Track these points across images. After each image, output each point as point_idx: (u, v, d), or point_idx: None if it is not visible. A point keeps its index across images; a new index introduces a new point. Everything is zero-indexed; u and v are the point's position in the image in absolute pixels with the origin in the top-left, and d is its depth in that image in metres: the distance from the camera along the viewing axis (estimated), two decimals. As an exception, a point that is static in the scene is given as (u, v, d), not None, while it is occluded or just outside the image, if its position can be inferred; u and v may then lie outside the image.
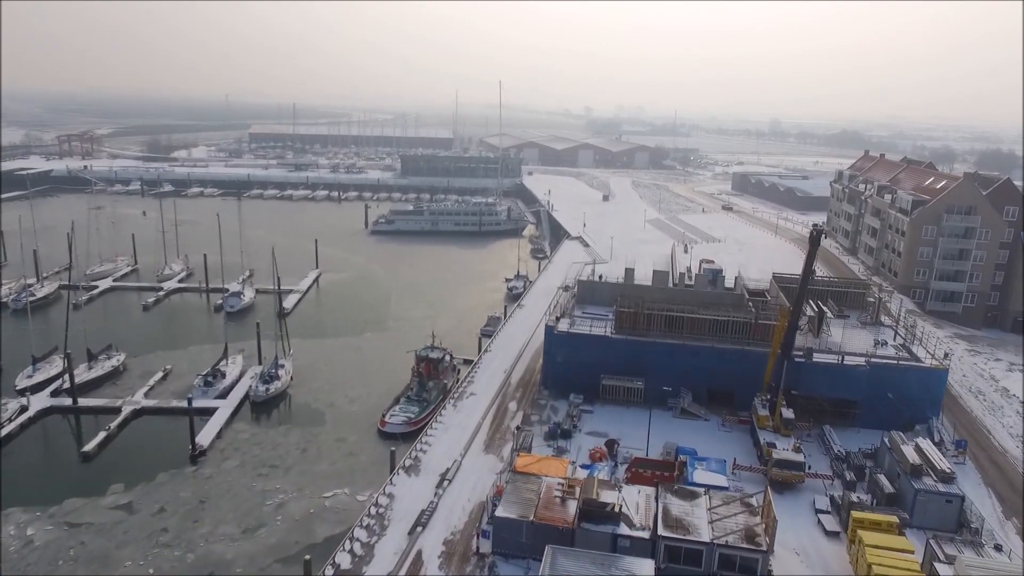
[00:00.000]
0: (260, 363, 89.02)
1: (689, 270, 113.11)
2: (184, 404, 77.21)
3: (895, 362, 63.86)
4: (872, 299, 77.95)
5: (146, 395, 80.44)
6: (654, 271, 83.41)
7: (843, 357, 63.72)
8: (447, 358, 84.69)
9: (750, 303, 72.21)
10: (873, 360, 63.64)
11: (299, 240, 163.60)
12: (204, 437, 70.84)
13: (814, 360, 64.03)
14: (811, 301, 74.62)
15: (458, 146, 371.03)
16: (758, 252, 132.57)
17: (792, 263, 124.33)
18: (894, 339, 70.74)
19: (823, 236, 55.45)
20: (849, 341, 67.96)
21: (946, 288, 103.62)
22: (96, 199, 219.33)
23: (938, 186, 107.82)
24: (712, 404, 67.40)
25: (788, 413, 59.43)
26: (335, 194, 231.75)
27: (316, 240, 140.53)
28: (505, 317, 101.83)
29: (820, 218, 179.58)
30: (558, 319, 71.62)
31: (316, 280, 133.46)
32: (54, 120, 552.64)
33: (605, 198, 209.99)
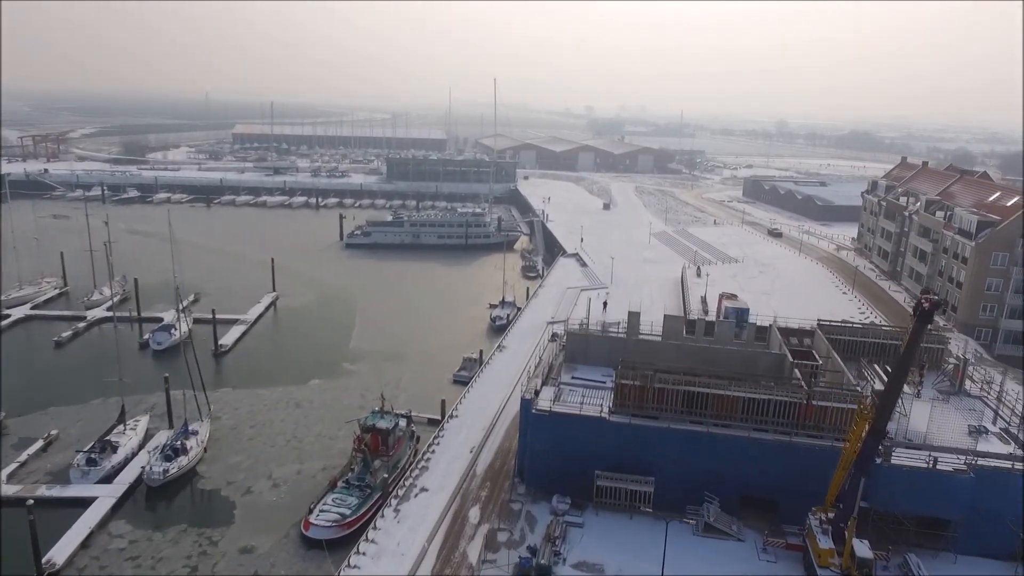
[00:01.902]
0: (171, 426, 71.16)
1: (705, 301, 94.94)
2: (60, 492, 59.74)
3: (1009, 465, 45.49)
4: (954, 360, 59.55)
5: (10, 478, 62.41)
6: (665, 316, 65.10)
7: (935, 460, 45.34)
8: (401, 425, 66.66)
9: (796, 369, 53.83)
10: (979, 464, 45.28)
11: (263, 253, 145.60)
12: (63, 548, 52.75)
13: (893, 462, 45.68)
14: (877, 366, 56.53)
15: (452, 148, 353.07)
16: (784, 276, 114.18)
17: (827, 292, 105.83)
18: (994, 421, 52.37)
19: (936, 307, 36.82)
20: (936, 428, 49.59)
21: (1019, 328, 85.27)
22: (53, 206, 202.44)
23: (1008, 203, 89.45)
24: (748, 516, 49.22)
25: (863, 549, 41.23)
26: (313, 200, 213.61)
27: (273, 259, 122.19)
28: (482, 363, 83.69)
29: (845, 230, 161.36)
30: (537, 392, 53.32)
31: (272, 305, 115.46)
32: (40, 119, 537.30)
33: (606, 206, 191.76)
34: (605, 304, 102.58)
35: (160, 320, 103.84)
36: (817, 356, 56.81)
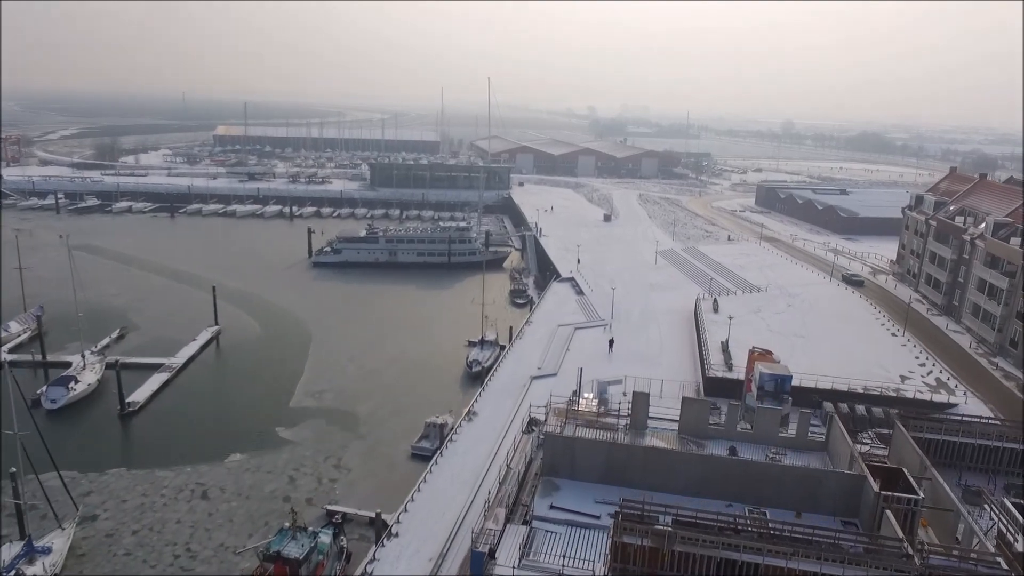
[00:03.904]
0: (26, 535, 53.31)
1: (727, 352, 76.80)
2: None
3: None
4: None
5: None
6: (684, 400, 47.20)
7: None
8: (323, 543, 48.72)
9: (887, 510, 35.69)
10: None
11: (219, 274, 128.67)
12: None
13: None
14: (1008, 500, 38.47)
15: (446, 150, 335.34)
16: (817, 310, 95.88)
17: (873, 333, 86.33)
18: None
19: None
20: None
21: None
22: (9, 217, 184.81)
23: (1112, 231, 71.43)
24: None
25: None
26: (289, 209, 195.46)
27: (215, 288, 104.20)
28: (446, 435, 65.76)
29: (874, 247, 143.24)
30: (494, 550, 35.30)
31: (213, 342, 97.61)
32: (29, 119, 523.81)
33: (607, 218, 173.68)
34: (611, 343, 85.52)
35: (68, 365, 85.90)
36: (909, 477, 38.65)
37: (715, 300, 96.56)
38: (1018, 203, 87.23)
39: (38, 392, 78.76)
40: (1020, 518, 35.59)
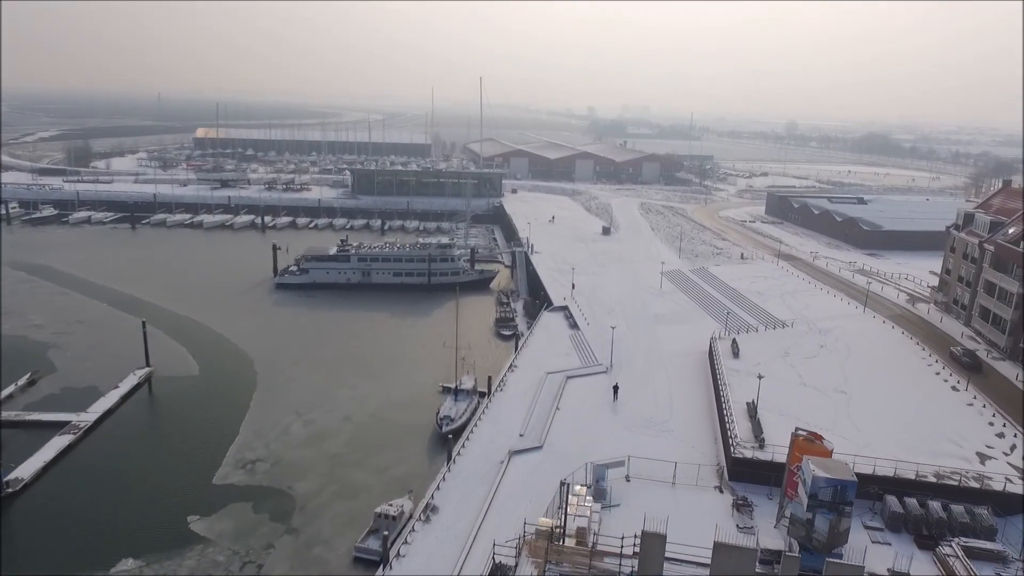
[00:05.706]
0: None
1: (756, 418, 61.44)
2: None
3: None
4: None
5: None
6: (716, 547, 31.97)
7: None
8: None
9: None
10: None
11: (166, 297, 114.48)
12: None
13: None
14: None
15: (437, 153, 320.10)
16: (856, 354, 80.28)
17: (929, 385, 69.58)
18: None
19: None
20: None
21: None
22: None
23: None
24: None
25: None
26: (261, 220, 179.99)
27: (144, 323, 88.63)
28: (397, 536, 50.56)
29: (904, 266, 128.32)
30: None
31: (141, 387, 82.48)
32: (11, 120, 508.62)
33: (606, 231, 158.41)
34: (616, 389, 71.06)
35: (-45, 423, 70.78)
36: None
37: (734, 340, 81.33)
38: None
39: (-102, 467, 63.58)
40: None
